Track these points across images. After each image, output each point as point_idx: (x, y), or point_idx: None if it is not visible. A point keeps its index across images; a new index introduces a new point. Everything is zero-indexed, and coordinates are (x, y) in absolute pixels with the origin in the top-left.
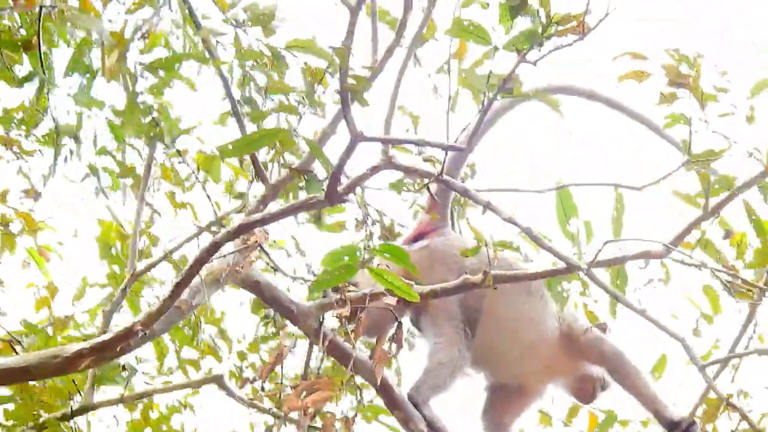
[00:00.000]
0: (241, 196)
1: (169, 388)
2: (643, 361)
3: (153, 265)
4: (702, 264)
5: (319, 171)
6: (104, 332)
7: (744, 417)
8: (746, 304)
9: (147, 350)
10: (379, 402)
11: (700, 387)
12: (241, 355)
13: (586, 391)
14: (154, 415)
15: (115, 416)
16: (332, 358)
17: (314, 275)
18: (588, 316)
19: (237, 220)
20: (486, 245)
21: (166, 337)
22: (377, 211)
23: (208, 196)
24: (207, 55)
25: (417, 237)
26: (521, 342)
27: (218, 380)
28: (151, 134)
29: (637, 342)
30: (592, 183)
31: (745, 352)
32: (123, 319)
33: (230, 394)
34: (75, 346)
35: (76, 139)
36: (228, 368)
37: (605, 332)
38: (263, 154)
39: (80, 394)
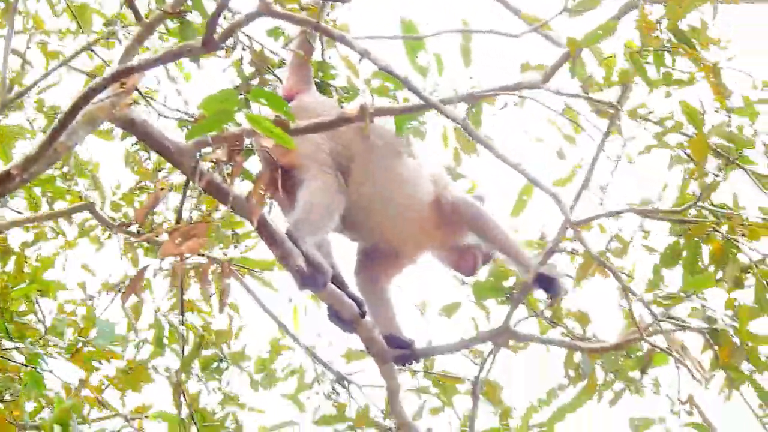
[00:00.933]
0: (113, 34)
1: (41, 216)
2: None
3: (21, 94)
4: (557, 92)
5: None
6: None
7: (616, 276)
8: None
9: (19, 203)
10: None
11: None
12: (116, 206)
13: (466, 263)
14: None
15: None
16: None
17: (192, 117)
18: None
19: (114, 66)
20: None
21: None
22: (247, 36)
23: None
24: None
25: (288, 98)
26: (394, 203)
27: (90, 207)
28: None
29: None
30: (470, 30)
31: (618, 210)
32: None
33: (102, 221)
34: None
35: None
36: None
37: (483, 202)
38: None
39: None
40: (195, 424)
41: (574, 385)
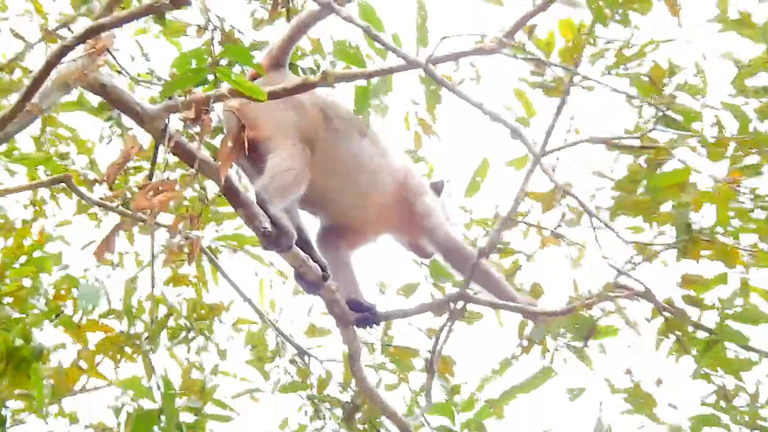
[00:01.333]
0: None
1: (22, 187)
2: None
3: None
4: (514, 56)
5: None
6: None
7: (582, 205)
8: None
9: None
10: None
11: None
12: (91, 163)
13: (422, 251)
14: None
15: None
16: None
17: (159, 80)
18: (420, 124)
19: (84, 24)
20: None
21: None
22: (218, 17)
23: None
24: None
25: (253, 77)
26: (354, 185)
27: (66, 180)
28: None
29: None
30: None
31: (577, 140)
32: None
33: (78, 194)
34: None
35: None
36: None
37: (441, 189)
38: None
39: None
40: (159, 390)
41: (527, 354)
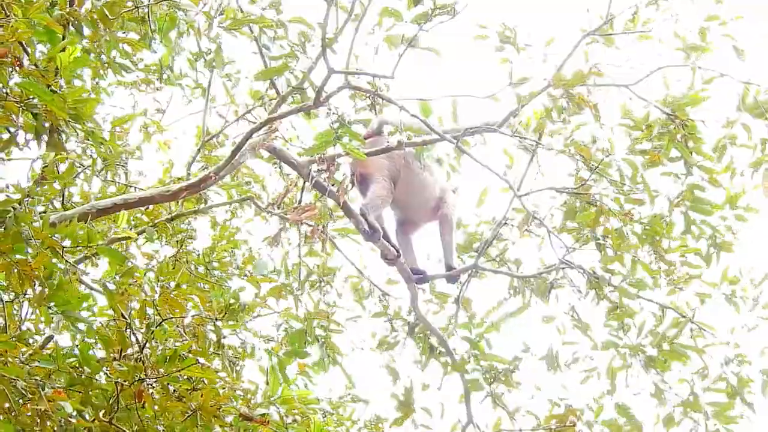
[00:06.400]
0: (264, 103)
1: (222, 203)
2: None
3: (213, 136)
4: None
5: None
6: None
7: (540, 221)
8: None
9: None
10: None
11: None
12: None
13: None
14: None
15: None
16: (317, 192)
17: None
18: (450, 166)
19: (264, 116)
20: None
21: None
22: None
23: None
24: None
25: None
26: (419, 198)
27: (251, 199)
28: (212, 65)
29: None
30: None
31: (542, 189)
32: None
33: (258, 207)
34: (177, 185)
35: (172, 70)
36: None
37: (456, 191)
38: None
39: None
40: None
41: (514, 297)
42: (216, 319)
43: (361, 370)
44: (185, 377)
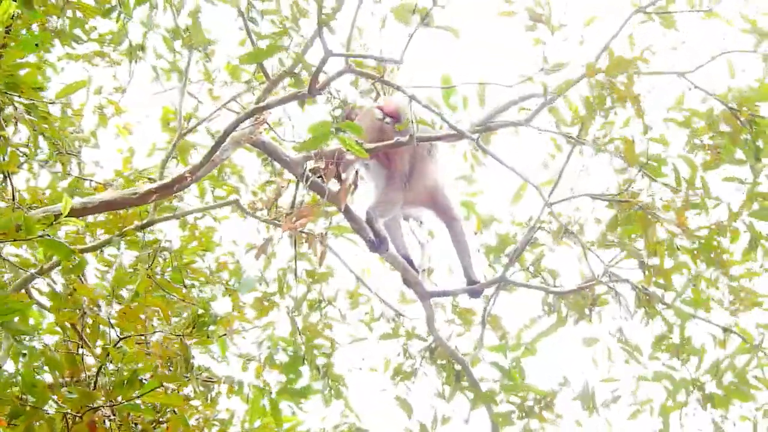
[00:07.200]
0: (251, 88)
1: (204, 208)
2: None
3: (190, 130)
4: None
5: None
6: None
7: (571, 233)
8: None
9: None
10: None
11: None
12: (254, 193)
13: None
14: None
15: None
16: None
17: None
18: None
19: (251, 105)
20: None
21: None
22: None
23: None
24: None
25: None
26: (427, 185)
27: (236, 202)
28: (189, 44)
29: None
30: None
31: (578, 195)
32: (178, 170)
33: (244, 212)
34: (146, 186)
35: (143, 49)
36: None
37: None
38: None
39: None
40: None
41: (549, 316)
42: (182, 335)
43: (365, 397)
44: (149, 405)
